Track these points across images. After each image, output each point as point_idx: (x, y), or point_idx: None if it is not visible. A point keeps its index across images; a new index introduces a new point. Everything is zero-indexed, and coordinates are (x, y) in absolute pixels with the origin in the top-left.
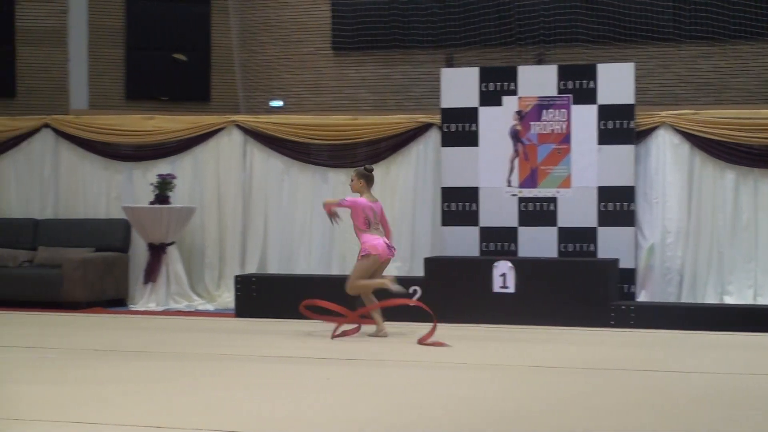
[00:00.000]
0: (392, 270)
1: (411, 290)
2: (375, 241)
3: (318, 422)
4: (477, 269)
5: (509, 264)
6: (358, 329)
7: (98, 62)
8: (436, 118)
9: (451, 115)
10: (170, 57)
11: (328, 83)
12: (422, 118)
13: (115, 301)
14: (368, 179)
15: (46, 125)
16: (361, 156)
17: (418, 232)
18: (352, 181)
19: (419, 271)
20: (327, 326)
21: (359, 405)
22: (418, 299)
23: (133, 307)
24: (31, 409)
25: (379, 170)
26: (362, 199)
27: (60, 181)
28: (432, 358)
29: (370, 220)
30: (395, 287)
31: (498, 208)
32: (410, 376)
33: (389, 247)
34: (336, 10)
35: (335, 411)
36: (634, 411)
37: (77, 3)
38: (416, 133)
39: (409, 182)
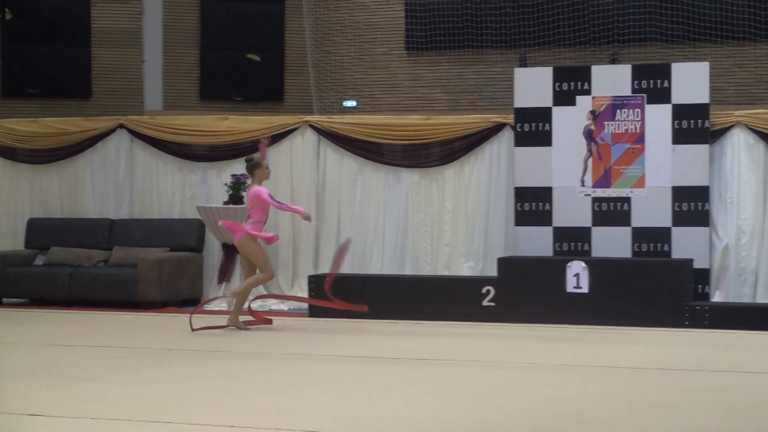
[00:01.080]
0: (466, 270)
1: (484, 290)
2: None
3: (393, 422)
4: (550, 269)
5: (583, 264)
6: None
7: (173, 63)
8: (510, 118)
9: (525, 114)
10: (244, 57)
11: (402, 83)
12: (496, 117)
13: (190, 300)
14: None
15: (122, 126)
16: (435, 156)
17: (491, 232)
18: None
19: (492, 271)
20: (400, 327)
21: (433, 405)
22: (490, 299)
23: (207, 307)
24: (104, 407)
25: (452, 170)
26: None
27: (135, 182)
28: (506, 359)
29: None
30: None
31: (571, 208)
32: (484, 376)
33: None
34: (410, 10)
35: (410, 411)
36: (708, 412)
37: (152, 4)
38: (490, 132)
39: (482, 182)
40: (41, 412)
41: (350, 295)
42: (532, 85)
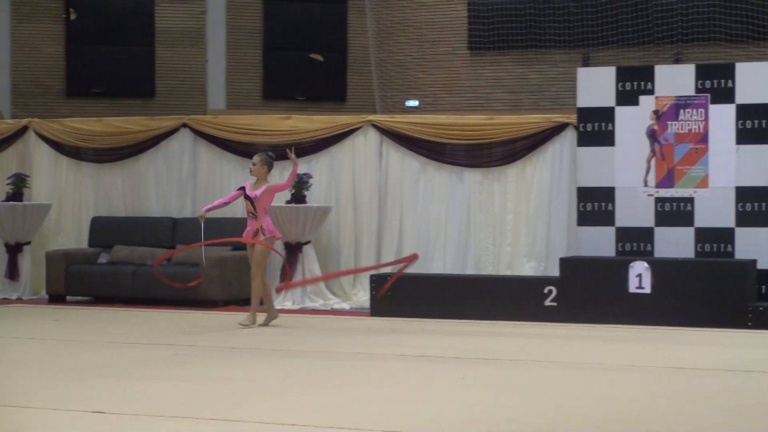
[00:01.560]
0: (527, 269)
1: (546, 290)
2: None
3: (456, 421)
4: (613, 269)
5: (645, 264)
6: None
7: (236, 63)
8: (572, 118)
9: (588, 114)
10: (307, 57)
11: (464, 83)
12: (558, 117)
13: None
14: (270, 165)
15: (185, 125)
16: (497, 155)
17: (553, 232)
18: (255, 165)
19: (554, 271)
20: (462, 327)
21: (495, 405)
22: (552, 299)
23: None
24: (166, 405)
25: (514, 169)
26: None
27: (198, 180)
28: (568, 359)
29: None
30: None
31: (634, 208)
32: (546, 376)
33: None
34: (472, 10)
35: (472, 410)
36: None
37: (216, 4)
38: (552, 132)
39: (544, 182)
40: (104, 409)
41: (412, 294)
42: (595, 85)
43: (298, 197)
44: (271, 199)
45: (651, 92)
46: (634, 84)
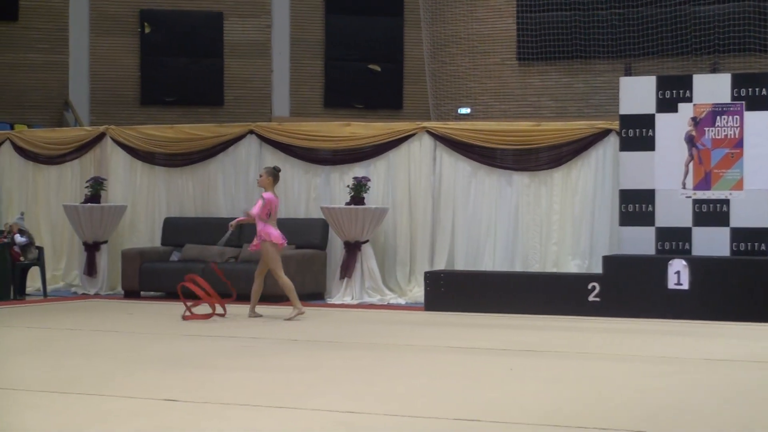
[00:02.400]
0: (572, 267)
1: (590, 286)
2: (274, 231)
3: (505, 410)
4: (653, 267)
5: (683, 262)
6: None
7: (299, 73)
8: (615, 124)
9: (630, 121)
10: (366, 68)
11: (513, 91)
12: (602, 124)
13: (314, 294)
14: (275, 177)
15: (251, 132)
16: (544, 160)
17: (597, 232)
18: (261, 176)
19: (598, 269)
20: (510, 321)
21: (543, 395)
22: (596, 295)
23: (330, 301)
24: (234, 394)
25: (560, 173)
26: (272, 195)
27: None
28: (611, 351)
29: (270, 213)
30: None
31: (673, 209)
32: (588, 367)
33: (283, 237)
34: (521, 23)
35: (522, 400)
36: None
37: (280, 18)
38: (596, 138)
39: (588, 185)
40: (176, 397)
41: (463, 290)
42: (637, 93)
43: (357, 199)
44: (257, 209)
45: (689, 100)
46: (673, 92)
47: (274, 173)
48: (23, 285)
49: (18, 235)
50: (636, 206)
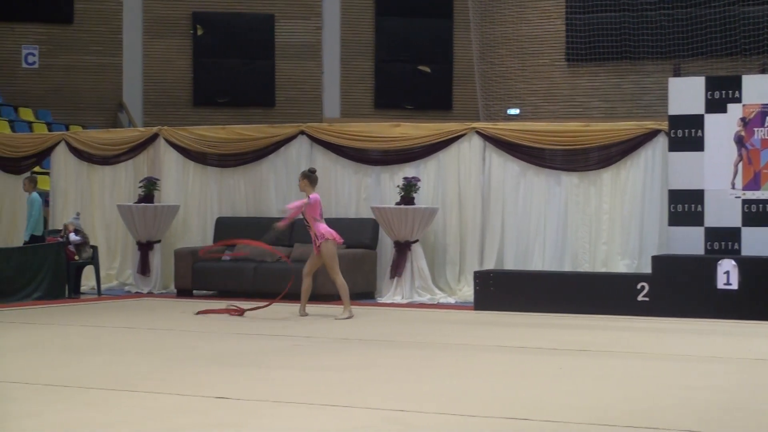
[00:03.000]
0: (621, 267)
1: (639, 286)
2: (329, 229)
3: (557, 409)
4: (702, 267)
5: (733, 262)
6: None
7: (349, 74)
8: (664, 125)
9: (679, 121)
10: (416, 69)
11: (562, 92)
12: (651, 124)
13: (364, 294)
14: (311, 179)
15: (302, 132)
16: (593, 160)
17: (646, 232)
18: (300, 180)
19: (647, 268)
20: (559, 320)
21: (593, 394)
22: (645, 294)
23: (380, 300)
24: (285, 392)
25: (609, 173)
26: (317, 195)
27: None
28: (659, 350)
29: (322, 213)
30: None
31: (722, 210)
32: (637, 366)
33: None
34: (570, 24)
35: (571, 399)
36: None
37: (331, 20)
38: (645, 138)
39: (637, 185)
40: (228, 395)
41: (513, 289)
42: (686, 94)
43: (407, 199)
44: (315, 213)
45: (738, 100)
46: (722, 93)
47: (310, 175)
48: (78, 284)
49: (73, 233)
50: (685, 206)
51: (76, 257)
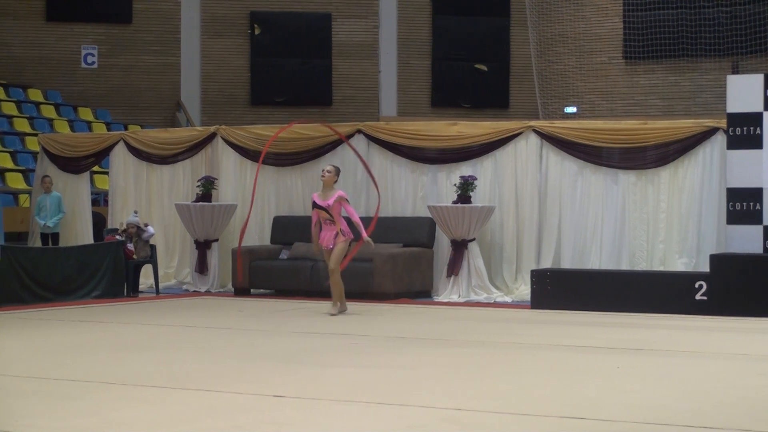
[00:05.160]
0: (679, 265)
1: (697, 285)
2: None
3: (613, 407)
4: (760, 265)
5: None
6: None
7: (406, 73)
8: (722, 123)
9: (737, 119)
10: (472, 67)
11: (620, 90)
12: (709, 122)
13: (421, 292)
14: (338, 176)
15: (359, 131)
16: (650, 158)
17: (704, 230)
18: (329, 172)
19: (705, 267)
20: (616, 319)
21: (649, 393)
22: (703, 293)
23: (436, 298)
24: (342, 390)
25: (666, 171)
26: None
27: (371, 182)
28: (718, 350)
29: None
30: None
31: None
32: (695, 365)
33: None
34: (628, 22)
35: (628, 398)
36: None
37: (388, 19)
38: (703, 136)
39: (695, 183)
40: (285, 393)
41: (570, 288)
42: (744, 92)
43: (463, 198)
44: (340, 209)
45: None
46: None
47: (339, 171)
48: (136, 282)
49: (150, 227)
50: (743, 204)
51: (135, 256)
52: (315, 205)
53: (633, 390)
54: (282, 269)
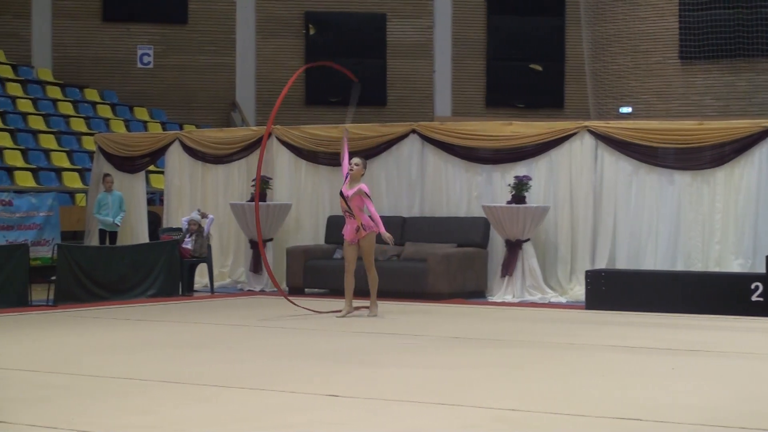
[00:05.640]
0: (734, 266)
1: (753, 286)
2: (369, 220)
3: (674, 409)
4: None
5: None
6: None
7: (461, 73)
8: None
9: None
10: (527, 67)
11: (675, 90)
12: (765, 122)
13: (475, 292)
14: (365, 170)
15: (413, 131)
16: (706, 159)
17: (760, 231)
18: (357, 165)
19: (761, 268)
20: (671, 320)
21: (706, 395)
22: (759, 294)
23: (491, 299)
24: (396, 390)
25: (722, 172)
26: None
27: (425, 182)
28: None
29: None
30: None
31: None
32: (751, 366)
33: None
34: (684, 22)
35: (684, 399)
36: None
37: (442, 19)
38: (760, 137)
39: (752, 183)
40: (338, 393)
41: (625, 289)
42: None
43: (518, 198)
44: (362, 203)
45: None
46: None
47: (366, 164)
48: (191, 281)
49: (209, 219)
50: None
51: (191, 255)
52: (341, 193)
53: (689, 391)
54: (336, 269)
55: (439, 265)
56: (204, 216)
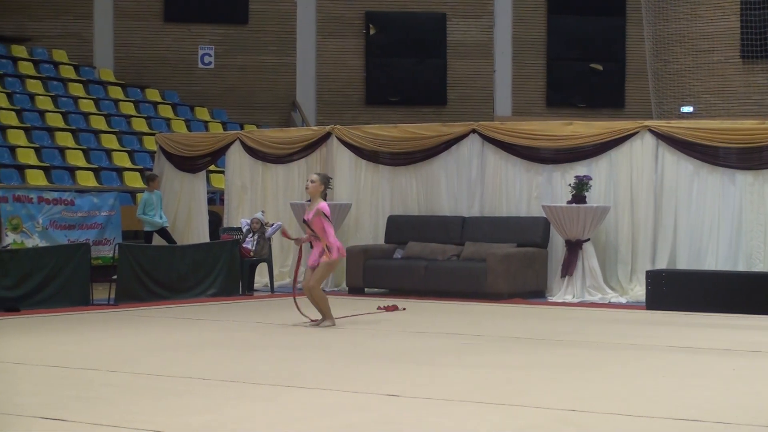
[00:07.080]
0: None
1: None
2: (339, 242)
3: (732, 410)
4: None
5: None
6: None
7: (521, 72)
8: None
9: None
10: (587, 67)
11: (736, 89)
12: None
13: (535, 292)
14: (326, 186)
15: (474, 131)
16: None
17: None
18: (314, 182)
19: None
20: (732, 320)
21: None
22: None
23: (551, 299)
24: (455, 390)
25: None
26: (326, 205)
27: (485, 182)
28: None
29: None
30: None
31: None
32: None
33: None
34: (745, 20)
35: (745, 401)
36: None
37: (503, 18)
38: None
39: None
40: (399, 393)
41: (686, 289)
42: None
43: (578, 198)
44: (321, 223)
45: None
46: None
47: (326, 180)
48: (251, 281)
49: (277, 224)
50: None
51: (253, 253)
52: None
53: (750, 392)
54: (396, 269)
55: (499, 265)
56: (267, 224)
